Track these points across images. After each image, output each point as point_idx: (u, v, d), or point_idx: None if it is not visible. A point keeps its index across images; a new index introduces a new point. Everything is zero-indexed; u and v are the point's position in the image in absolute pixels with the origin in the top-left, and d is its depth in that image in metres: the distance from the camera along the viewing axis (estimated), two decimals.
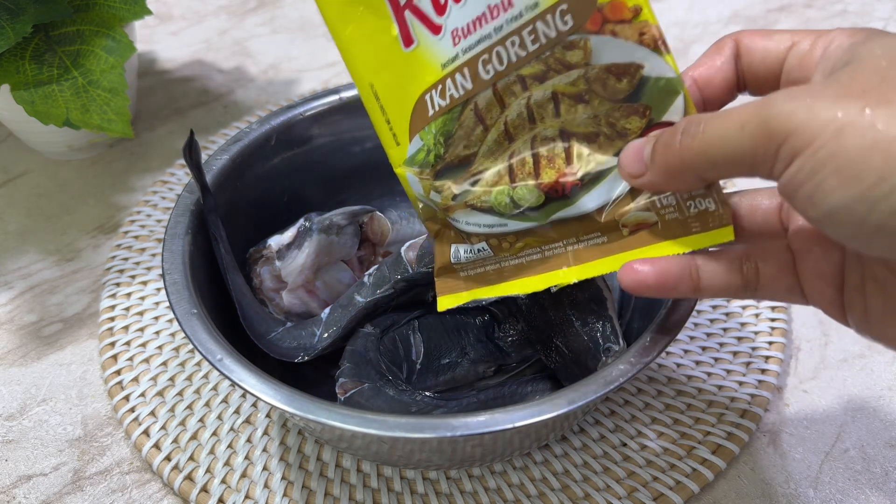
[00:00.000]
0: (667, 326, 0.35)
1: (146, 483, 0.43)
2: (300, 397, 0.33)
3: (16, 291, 0.53)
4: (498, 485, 0.41)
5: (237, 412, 0.45)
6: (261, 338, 0.41)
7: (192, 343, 0.36)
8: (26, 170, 0.62)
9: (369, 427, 0.32)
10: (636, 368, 0.33)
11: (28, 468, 0.43)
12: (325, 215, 0.45)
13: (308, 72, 0.73)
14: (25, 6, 0.51)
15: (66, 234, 0.57)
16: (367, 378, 0.39)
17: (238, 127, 0.65)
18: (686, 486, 0.41)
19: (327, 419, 0.32)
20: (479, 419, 0.32)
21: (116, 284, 0.52)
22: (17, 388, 0.47)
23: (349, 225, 0.45)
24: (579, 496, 0.41)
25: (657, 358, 0.34)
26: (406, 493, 0.41)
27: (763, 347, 0.47)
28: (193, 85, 0.71)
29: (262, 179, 0.48)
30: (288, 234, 0.44)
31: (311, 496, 0.41)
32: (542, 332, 0.41)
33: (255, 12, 0.82)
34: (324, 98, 0.49)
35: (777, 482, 0.42)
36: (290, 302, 0.44)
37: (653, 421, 0.44)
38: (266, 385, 0.34)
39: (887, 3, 0.80)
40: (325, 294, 0.45)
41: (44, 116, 0.52)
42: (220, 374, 0.36)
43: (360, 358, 0.41)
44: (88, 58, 0.53)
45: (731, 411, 0.44)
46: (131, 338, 0.49)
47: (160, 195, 0.59)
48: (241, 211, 0.46)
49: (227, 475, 0.42)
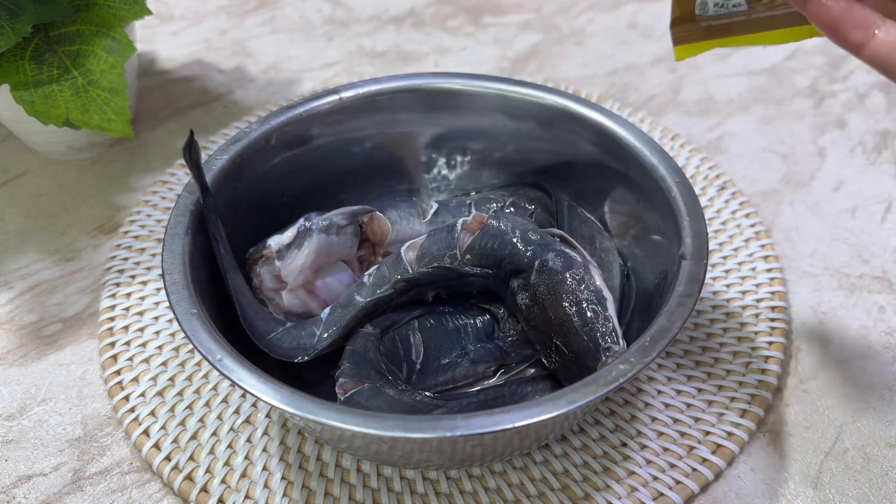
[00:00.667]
0: (667, 326, 0.35)
1: (146, 483, 0.43)
2: (300, 397, 0.33)
3: (16, 291, 0.53)
4: (498, 485, 0.41)
5: (237, 412, 0.45)
6: (261, 338, 0.41)
7: (192, 343, 0.36)
8: (26, 170, 0.62)
9: (369, 427, 0.32)
10: (636, 368, 0.33)
11: (28, 468, 0.43)
12: (325, 215, 0.45)
13: (308, 72, 0.73)
14: (25, 6, 0.51)
15: (66, 234, 0.57)
16: (367, 378, 0.39)
17: (238, 127, 0.65)
18: (686, 485, 0.41)
19: (327, 419, 0.32)
20: (479, 419, 0.32)
21: (116, 284, 0.52)
22: (17, 388, 0.47)
23: (349, 225, 0.45)
24: (579, 496, 0.41)
25: (657, 358, 0.34)
26: (406, 493, 0.41)
27: (763, 347, 0.47)
28: (193, 85, 0.71)
29: (262, 179, 0.48)
30: (288, 234, 0.44)
31: (311, 496, 0.41)
32: (542, 332, 0.41)
33: (255, 12, 0.82)
34: (324, 98, 0.49)
35: (777, 482, 0.42)
36: (290, 302, 0.44)
37: (652, 421, 0.44)
38: (266, 385, 0.34)
39: None
40: (325, 294, 0.45)
41: (44, 116, 0.52)
42: (219, 374, 0.36)
43: (360, 358, 0.41)
44: (88, 58, 0.53)
45: (731, 411, 0.44)
46: (131, 338, 0.49)
47: (160, 195, 0.59)
48: (241, 211, 0.46)
49: (227, 475, 0.42)
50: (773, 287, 0.51)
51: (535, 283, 0.41)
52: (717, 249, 0.54)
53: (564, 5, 0.81)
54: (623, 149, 0.46)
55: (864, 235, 0.56)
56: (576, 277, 0.40)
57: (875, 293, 0.52)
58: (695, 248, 0.39)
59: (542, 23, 0.78)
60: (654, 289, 0.43)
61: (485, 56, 0.74)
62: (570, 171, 0.50)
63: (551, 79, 0.71)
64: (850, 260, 0.54)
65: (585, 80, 0.71)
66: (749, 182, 0.60)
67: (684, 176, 0.43)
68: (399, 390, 0.39)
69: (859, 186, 0.60)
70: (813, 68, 0.72)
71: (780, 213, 0.57)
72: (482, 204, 0.50)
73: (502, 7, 0.81)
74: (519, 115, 0.50)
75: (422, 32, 0.78)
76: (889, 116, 0.66)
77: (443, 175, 0.54)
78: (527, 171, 0.52)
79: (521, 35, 0.77)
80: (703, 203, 0.57)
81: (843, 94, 0.69)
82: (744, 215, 0.56)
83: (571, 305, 0.39)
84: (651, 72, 0.71)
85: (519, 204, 0.50)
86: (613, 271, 0.46)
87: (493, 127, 0.51)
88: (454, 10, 0.81)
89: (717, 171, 0.60)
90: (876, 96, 0.68)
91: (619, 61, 0.73)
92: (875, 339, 0.49)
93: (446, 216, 0.49)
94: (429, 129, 0.52)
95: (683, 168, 0.60)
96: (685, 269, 0.38)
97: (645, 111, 0.67)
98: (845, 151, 0.63)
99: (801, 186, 0.60)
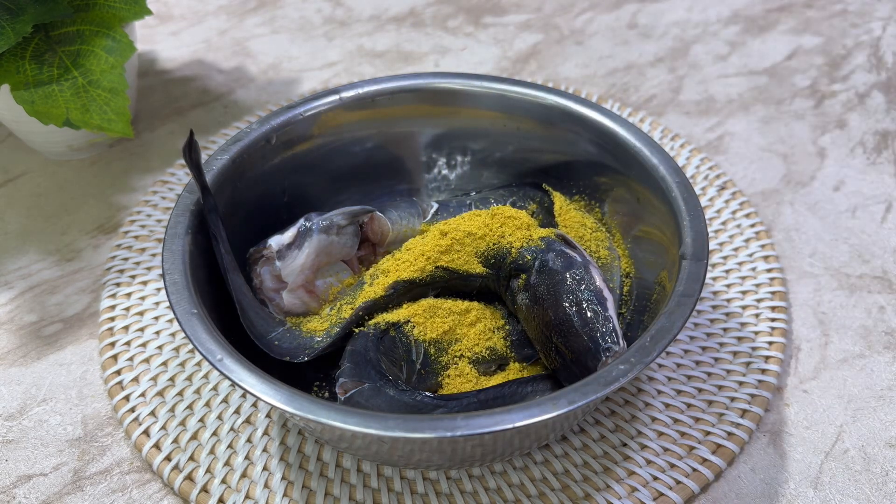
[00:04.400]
0: (667, 326, 0.35)
1: (146, 483, 0.43)
2: (300, 397, 0.33)
3: (16, 291, 0.53)
4: (498, 485, 0.41)
5: (237, 412, 0.45)
6: (261, 338, 0.41)
7: (193, 343, 0.36)
8: (26, 170, 0.62)
9: (369, 427, 0.32)
10: (636, 369, 0.33)
11: (28, 468, 0.43)
12: (326, 215, 0.45)
13: (308, 72, 0.73)
14: (25, 6, 0.51)
15: (66, 234, 0.57)
16: (367, 378, 0.39)
17: (238, 127, 0.65)
18: (686, 485, 0.41)
19: (327, 419, 0.32)
20: (479, 419, 0.32)
21: (116, 284, 0.52)
22: (18, 388, 0.47)
23: (349, 225, 0.45)
24: (579, 496, 0.41)
25: (657, 358, 0.34)
26: (406, 493, 0.41)
27: (763, 347, 0.47)
28: (193, 85, 0.71)
29: (262, 179, 0.48)
30: (288, 234, 0.44)
31: (312, 496, 0.41)
32: (542, 332, 0.41)
33: (255, 12, 0.82)
34: (324, 98, 0.49)
35: (777, 482, 0.42)
36: (290, 302, 0.44)
37: (653, 421, 0.44)
38: (266, 385, 0.34)
39: (887, 3, 0.80)
40: (326, 294, 0.45)
41: (44, 116, 0.52)
42: (220, 374, 0.36)
43: (360, 358, 0.41)
44: (88, 58, 0.53)
45: (731, 411, 0.44)
46: (131, 338, 0.49)
47: (160, 195, 0.59)
48: (241, 211, 0.46)
49: (228, 475, 0.42)
50: (774, 287, 0.51)
51: (535, 284, 0.41)
52: (718, 249, 0.54)
53: (564, 5, 0.81)
54: (623, 149, 0.46)
55: (864, 235, 0.56)
56: (576, 277, 0.40)
57: (875, 293, 0.52)
58: (695, 248, 0.39)
59: (542, 23, 0.78)
60: (654, 289, 0.43)
61: (485, 56, 0.74)
62: (570, 171, 0.50)
63: (551, 79, 0.71)
64: (850, 260, 0.54)
65: (585, 80, 0.71)
66: (749, 182, 0.60)
67: (684, 176, 0.43)
68: (399, 390, 0.39)
69: (859, 186, 0.60)
70: (813, 68, 0.72)
71: (781, 213, 0.57)
72: (482, 204, 0.50)
73: (502, 7, 0.81)
74: (519, 115, 0.50)
75: (422, 32, 0.78)
76: (889, 116, 0.66)
77: (443, 175, 0.54)
78: (527, 171, 0.52)
79: (521, 35, 0.77)
80: (703, 203, 0.57)
81: (843, 94, 0.69)
82: (744, 215, 0.56)
83: (571, 305, 0.39)
84: (651, 72, 0.71)
85: (519, 204, 0.50)
86: (614, 274, 0.46)
87: (493, 127, 0.51)
88: (454, 10, 0.81)
89: (717, 171, 0.60)
90: (876, 96, 0.68)
91: (619, 61, 0.73)
92: (875, 339, 0.49)
93: (446, 216, 0.49)
94: (429, 129, 0.52)
95: (683, 168, 0.60)
96: (685, 269, 0.38)
97: (645, 111, 0.67)
98: (845, 151, 0.63)
99: (802, 186, 0.60)
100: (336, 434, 0.37)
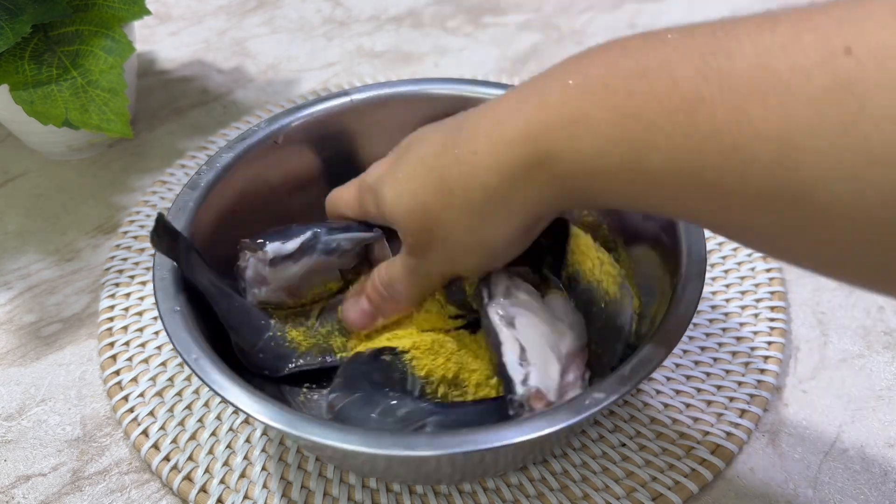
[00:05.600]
0: (647, 357, 0.35)
1: (145, 483, 0.43)
2: (270, 403, 0.33)
3: (15, 291, 0.53)
4: (497, 485, 0.41)
5: (236, 412, 0.45)
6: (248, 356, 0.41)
7: (171, 339, 0.36)
8: (26, 170, 0.62)
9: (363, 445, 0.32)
10: (610, 398, 0.33)
11: (27, 468, 0.43)
12: (334, 237, 0.43)
13: (308, 72, 0.73)
14: (25, 6, 0.51)
15: (65, 234, 0.57)
16: (360, 388, 0.39)
17: (238, 127, 0.65)
18: (685, 486, 0.41)
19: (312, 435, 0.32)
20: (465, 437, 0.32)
21: (116, 284, 0.52)
22: (17, 389, 0.47)
23: (353, 249, 0.44)
24: (578, 496, 0.41)
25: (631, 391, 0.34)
26: (405, 494, 0.41)
27: (762, 347, 0.47)
28: (193, 85, 0.71)
29: (267, 178, 0.48)
30: (289, 246, 0.42)
31: (311, 496, 0.41)
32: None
33: (255, 12, 0.82)
34: (334, 100, 0.49)
35: (776, 482, 0.42)
36: (269, 297, 0.43)
37: (651, 421, 0.44)
38: (238, 388, 0.34)
39: None
40: (306, 293, 0.44)
41: (43, 116, 0.52)
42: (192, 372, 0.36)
43: (353, 371, 0.40)
44: (87, 58, 0.53)
45: (730, 411, 0.44)
46: (130, 338, 0.49)
47: (159, 195, 0.59)
48: (242, 210, 0.46)
49: (226, 475, 0.42)
50: (773, 287, 0.51)
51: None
52: (717, 249, 0.54)
53: (564, 5, 0.81)
54: None
55: None
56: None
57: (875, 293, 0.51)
58: (695, 248, 0.39)
59: (542, 23, 0.78)
60: (653, 292, 0.43)
61: (484, 56, 0.74)
62: None
63: None
64: None
65: None
66: None
67: None
68: (393, 397, 0.38)
69: None
70: None
71: None
72: None
73: (502, 7, 0.81)
74: None
75: (421, 32, 0.78)
76: None
77: None
78: None
79: (520, 35, 0.77)
80: None
81: None
82: None
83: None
84: None
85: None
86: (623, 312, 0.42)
87: None
88: (454, 10, 0.81)
89: None
90: None
91: None
92: (874, 339, 0.49)
93: None
94: None
95: None
96: (686, 268, 0.39)
97: None
98: None
99: None
100: (327, 452, 0.37)
